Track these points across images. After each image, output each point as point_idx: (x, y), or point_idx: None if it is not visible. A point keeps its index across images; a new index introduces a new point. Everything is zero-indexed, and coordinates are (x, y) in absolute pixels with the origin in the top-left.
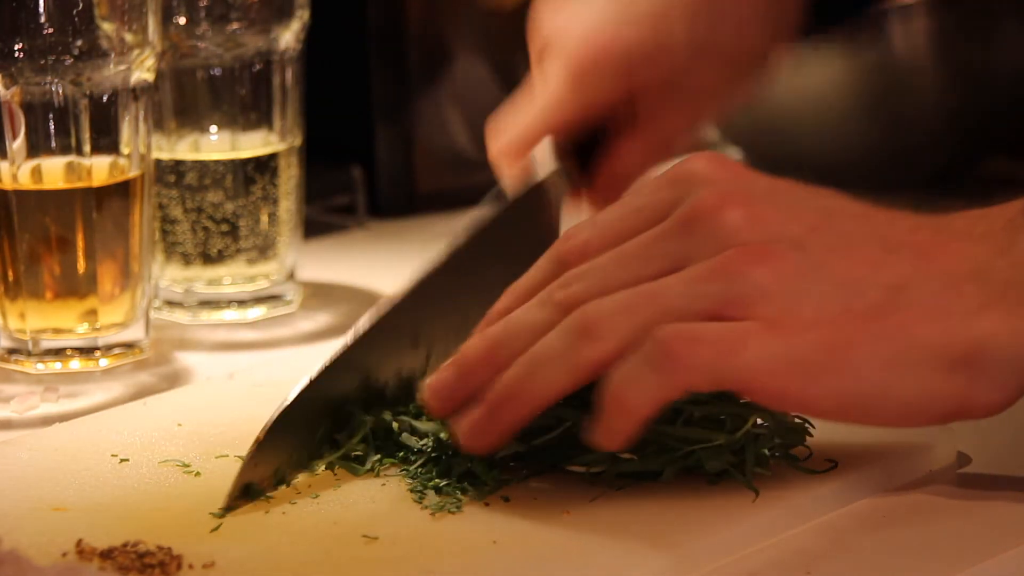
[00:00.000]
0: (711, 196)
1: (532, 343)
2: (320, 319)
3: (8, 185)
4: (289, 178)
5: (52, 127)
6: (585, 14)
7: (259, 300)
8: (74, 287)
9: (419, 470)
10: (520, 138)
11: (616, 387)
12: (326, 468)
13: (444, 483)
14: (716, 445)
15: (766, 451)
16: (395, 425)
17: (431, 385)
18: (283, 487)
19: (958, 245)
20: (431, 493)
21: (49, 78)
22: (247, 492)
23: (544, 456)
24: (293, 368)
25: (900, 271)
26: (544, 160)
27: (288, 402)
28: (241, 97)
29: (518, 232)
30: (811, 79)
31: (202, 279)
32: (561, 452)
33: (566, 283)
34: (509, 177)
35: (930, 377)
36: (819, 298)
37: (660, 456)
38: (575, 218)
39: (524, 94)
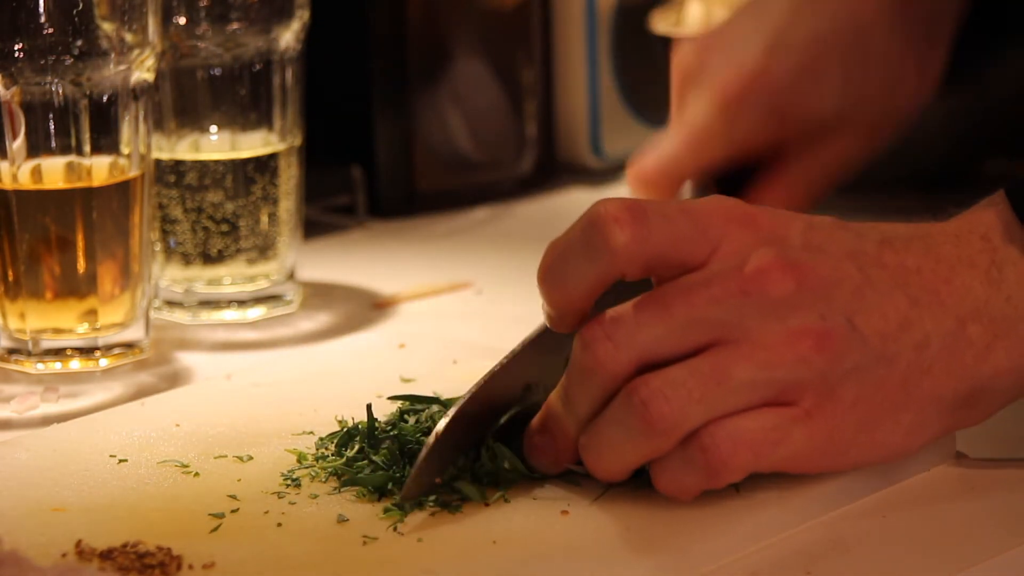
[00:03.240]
0: (764, 263)
1: (586, 413)
2: (320, 319)
3: (8, 185)
4: (289, 178)
5: (52, 127)
6: (734, 44)
7: (259, 300)
8: (74, 287)
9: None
10: (663, 168)
11: (658, 476)
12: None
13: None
14: None
15: None
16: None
17: (534, 451)
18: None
19: (958, 279)
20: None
21: (49, 78)
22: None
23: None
24: (293, 368)
25: (923, 325)
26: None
27: (457, 407)
28: (241, 97)
29: None
30: None
31: (202, 279)
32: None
33: (588, 344)
34: None
35: (937, 425)
36: (859, 375)
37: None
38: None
39: (669, 127)
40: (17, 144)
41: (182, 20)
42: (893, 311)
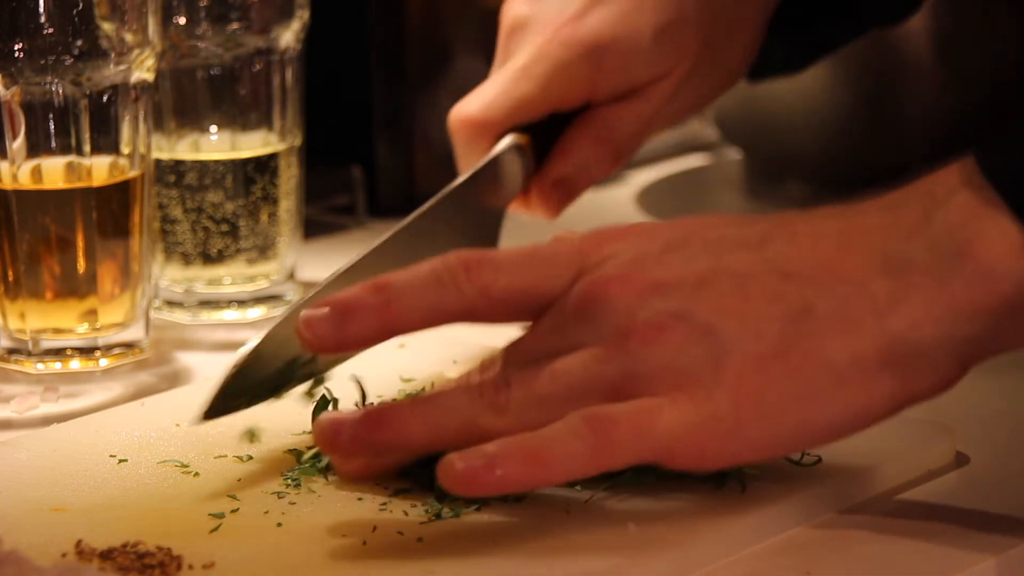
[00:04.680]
0: (595, 277)
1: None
2: None
3: (8, 185)
4: (289, 178)
5: (52, 127)
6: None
7: (259, 300)
8: (74, 287)
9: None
10: (483, 112)
11: (541, 450)
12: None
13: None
14: None
15: None
16: None
17: (323, 431)
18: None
19: (867, 242)
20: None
21: (49, 78)
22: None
23: None
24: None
25: (797, 297)
26: (503, 138)
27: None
28: (241, 97)
29: (471, 205)
30: (810, 79)
31: (202, 279)
32: None
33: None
34: (464, 147)
35: (853, 390)
36: (714, 356)
37: (644, 471)
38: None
39: (492, 75)
40: (17, 144)
41: (182, 20)
42: (758, 291)
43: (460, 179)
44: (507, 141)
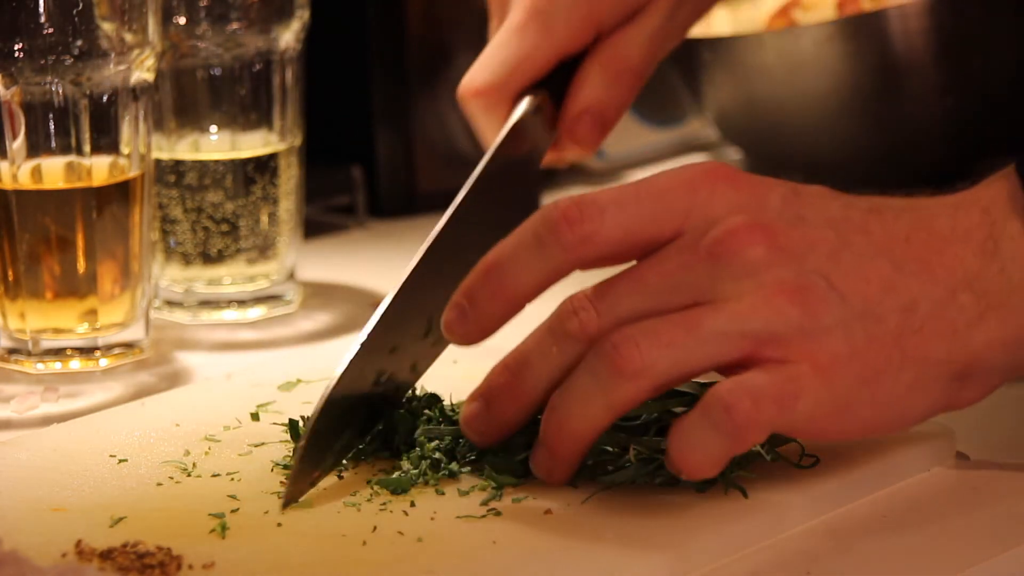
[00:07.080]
0: (733, 226)
1: (553, 374)
2: (320, 319)
3: (8, 185)
4: (289, 178)
5: (52, 127)
6: None
7: (259, 300)
8: (74, 287)
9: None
10: (495, 80)
11: (679, 447)
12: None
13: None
14: None
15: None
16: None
17: (465, 418)
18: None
19: (950, 251)
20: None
21: (49, 78)
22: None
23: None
24: (292, 368)
25: (909, 290)
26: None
27: (319, 406)
28: (241, 97)
29: (507, 175)
30: (810, 79)
31: (202, 279)
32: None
33: (576, 310)
34: (482, 118)
35: (936, 391)
36: (846, 329)
37: (644, 468)
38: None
39: (490, 40)
40: (17, 144)
41: (182, 20)
42: (875, 275)
43: (489, 152)
44: (525, 102)
